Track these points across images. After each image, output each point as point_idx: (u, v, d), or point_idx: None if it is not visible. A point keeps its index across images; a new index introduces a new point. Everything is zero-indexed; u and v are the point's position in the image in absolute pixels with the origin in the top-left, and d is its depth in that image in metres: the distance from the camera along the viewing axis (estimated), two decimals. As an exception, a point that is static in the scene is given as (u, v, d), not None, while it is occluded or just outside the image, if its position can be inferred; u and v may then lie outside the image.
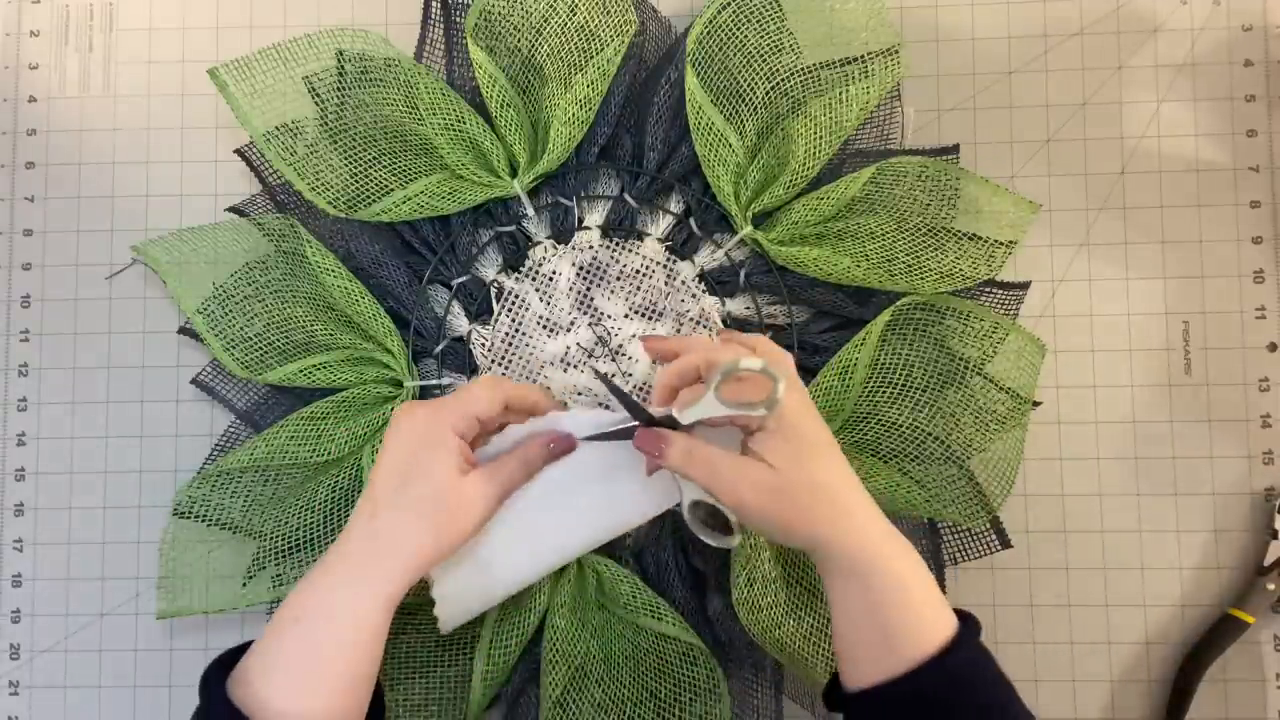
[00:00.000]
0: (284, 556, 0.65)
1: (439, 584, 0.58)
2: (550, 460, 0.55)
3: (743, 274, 0.68)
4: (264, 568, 0.65)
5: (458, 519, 0.51)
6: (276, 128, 0.68)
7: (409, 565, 0.50)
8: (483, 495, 0.51)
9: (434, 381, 0.67)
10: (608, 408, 0.64)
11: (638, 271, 0.69)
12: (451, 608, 0.59)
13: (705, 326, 0.68)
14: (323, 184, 0.68)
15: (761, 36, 0.68)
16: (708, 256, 0.69)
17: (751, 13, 0.67)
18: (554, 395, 0.63)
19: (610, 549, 0.65)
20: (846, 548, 0.49)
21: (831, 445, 0.51)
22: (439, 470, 0.50)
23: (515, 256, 0.69)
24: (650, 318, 0.68)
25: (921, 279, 0.66)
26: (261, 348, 0.67)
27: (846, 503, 0.50)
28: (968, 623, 0.50)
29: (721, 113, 0.67)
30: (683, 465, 0.50)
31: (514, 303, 0.69)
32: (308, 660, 0.48)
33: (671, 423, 0.53)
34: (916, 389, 0.65)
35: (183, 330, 0.70)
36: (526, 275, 0.69)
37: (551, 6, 0.68)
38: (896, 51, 0.68)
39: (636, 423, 0.54)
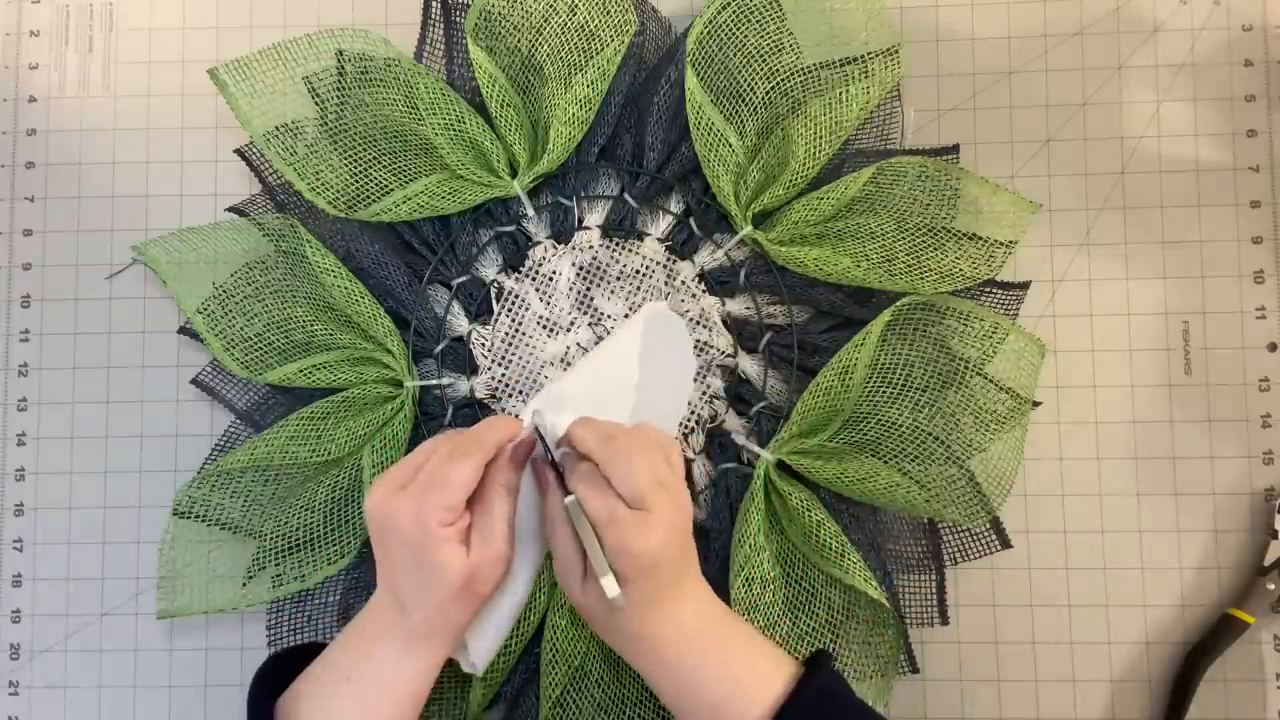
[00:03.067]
0: (284, 556, 0.65)
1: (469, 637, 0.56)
2: (522, 468, 0.54)
3: (743, 274, 0.68)
4: (264, 568, 0.65)
5: (485, 585, 0.51)
6: (276, 128, 0.68)
7: (452, 634, 0.52)
8: (494, 556, 0.51)
9: (434, 382, 0.67)
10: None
11: (638, 271, 0.69)
12: (478, 658, 0.56)
13: (705, 326, 0.68)
14: (323, 184, 0.68)
15: (761, 36, 0.68)
16: (708, 256, 0.69)
17: (751, 13, 0.67)
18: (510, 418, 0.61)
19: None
20: (650, 676, 0.53)
21: (670, 590, 0.51)
22: (451, 573, 0.49)
23: (515, 256, 0.69)
24: (650, 318, 0.68)
25: (921, 279, 0.66)
26: (261, 348, 0.67)
27: (652, 649, 0.52)
28: (807, 674, 0.52)
29: (721, 113, 0.67)
30: (546, 518, 0.53)
31: (514, 303, 0.69)
32: (359, 711, 0.51)
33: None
34: (916, 389, 0.65)
35: (183, 330, 0.70)
36: (526, 275, 0.69)
37: (551, 6, 0.68)
38: (896, 51, 0.68)
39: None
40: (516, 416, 0.62)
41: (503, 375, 0.68)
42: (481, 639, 0.55)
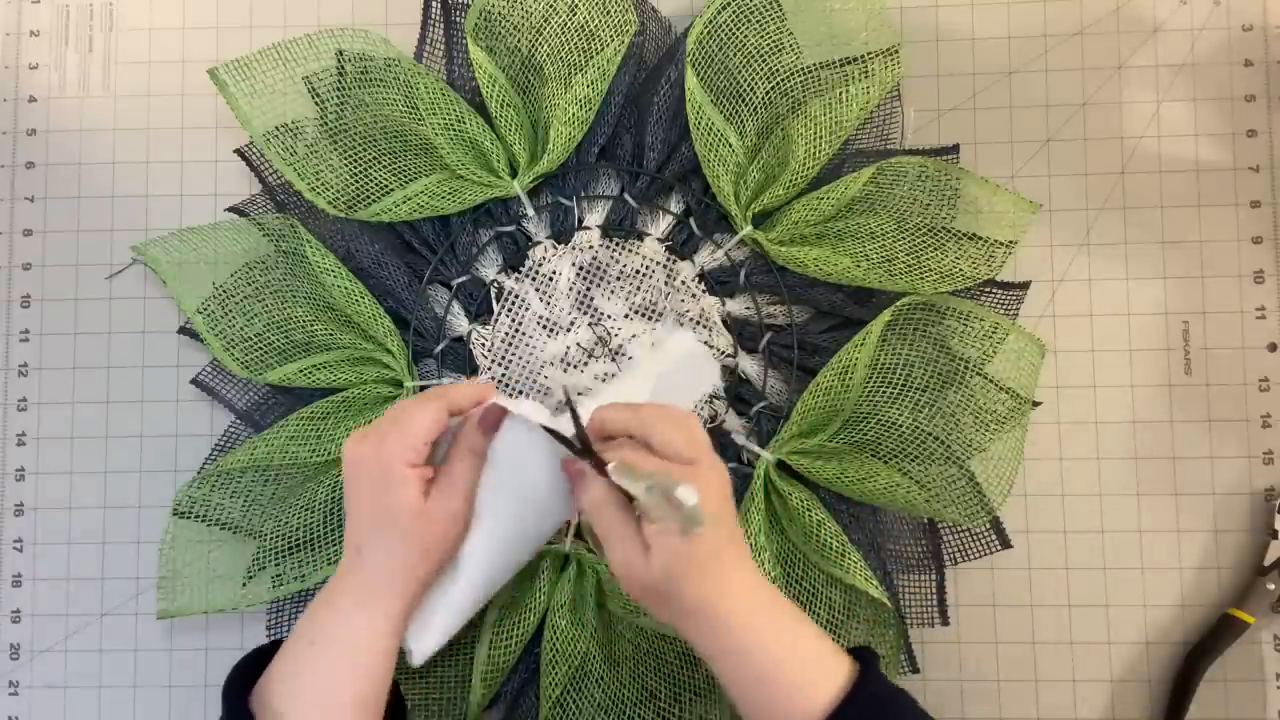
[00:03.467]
0: (284, 556, 0.65)
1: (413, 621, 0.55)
2: (489, 433, 0.54)
3: (743, 274, 0.68)
4: (264, 568, 0.65)
5: (437, 538, 0.52)
6: (276, 128, 0.68)
7: (406, 590, 0.52)
8: (449, 510, 0.52)
9: (434, 382, 0.67)
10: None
11: (638, 271, 0.69)
12: (422, 643, 0.55)
13: (705, 326, 0.68)
14: (323, 184, 0.68)
15: (761, 36, 0.68)
16: (708, 256, 0.69)
17: (751, 13, 0.67)
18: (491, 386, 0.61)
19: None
20: (713, 650, 0.51)
21: (730, 547, 0.51)
22: (403, 507, 0.51)
23: (515, 256, 0.69)
24: (650, 318, 0.68)
25: (921, 279, 0.66)
26: (261, 348, 0.67)
27: (717, 616, 0.50)
28: (865, 670, 0.50)
29: (721, 113, 0.67)
30: (588, 513, 0.52)
31: (514, 303, 0.69)
32: (323, 684, 0.50)
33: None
34: (916, 389, 0.65)
35: (183, 330, 0.70)
36: (526, 275, 0.69)
37: (551, 6, 0.68)
38: (896, 51, 0.68)
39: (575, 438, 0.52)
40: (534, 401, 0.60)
41: (503, 375, 0.68)
42: (425, 627, 0.54)
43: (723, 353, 0.68)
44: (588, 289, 0.69)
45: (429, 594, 0.55)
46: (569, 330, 0.68)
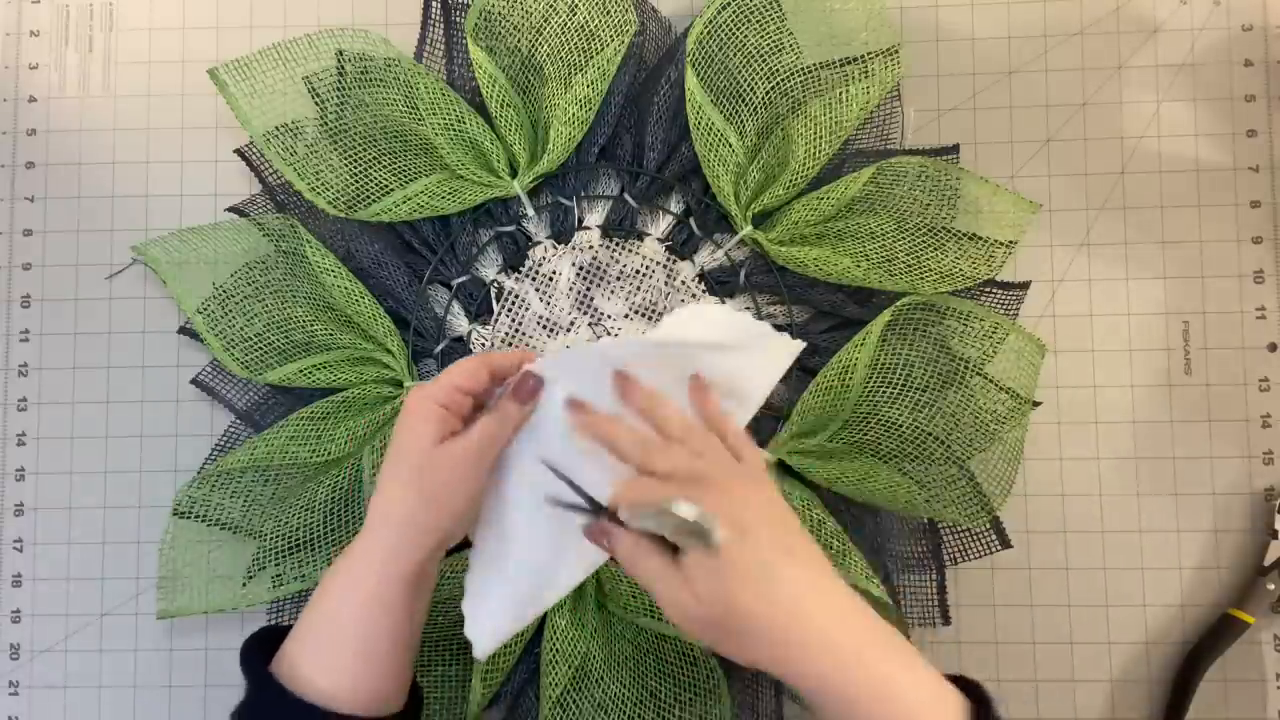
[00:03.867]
0: (284, 556, 0.65)
1: (466, 598, 0.55)
2: (525, 403, 0.53)
3: (743, 274, 0.68)
4: (264, 568, 0.65)
5: (440, 485, 0.51)
6: (276, 128, 0.68)
7: (409, 537, 0.51)
8: (455, 458, 0.51)
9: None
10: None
11: (638, 271, 0.69)
12: (478, 628, 0.54)
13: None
14: (323, 184, 0.68)
15: (761, 36, 0.68)
16: (708, 256, 0.69)
17: (751, 13, 0.67)
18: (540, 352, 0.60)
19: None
20: (802, 680, 0.45)
21: (783, 557, 0.46)
22: (417, 442, 0.51)
23: (515, 256, 0.69)
24: (650, 318, 0.68)
25: (921, 279, 0.66)
26: (261, 348, 0.67)
27: (789, 633, 0.44)
28: (980, 703, 0.45)
29: (721, 113, 0.67)
30: (627, 566, 0.49)
31: (514, 303, 0.69)
32: (332, 637, 0.50)
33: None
34: (916, 389, 0.65)
35: (183, 330, 0.70)
36: (526, 275, 0.69)
37: (551, 6, 0.68)
38: (896, 51, 0.68)
39: (587, 505, 0.51)
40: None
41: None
42: (479, 615, 0.54)
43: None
44: (588, 289, 0.69)
45: (481, 579, 0.54)
46: (569, 330, 0.68)
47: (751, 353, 0.58)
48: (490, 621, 0.54)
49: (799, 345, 0.59)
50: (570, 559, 0.55)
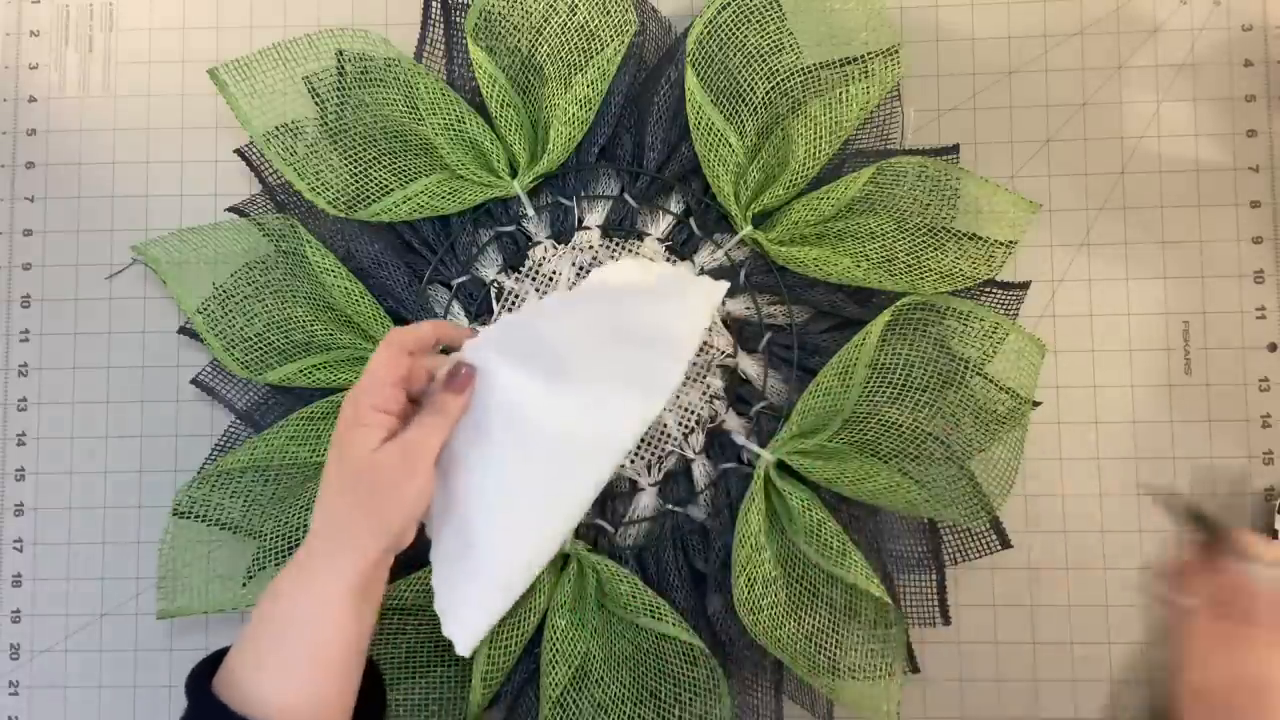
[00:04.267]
0: (284, 556, 0.65)
1: (437, 598, 0.55)
2: (460, 393, 0.52)
3: (743, 274, 0.68)
4: (264, 568, 0.65)
5: (382, 491, 0.50)
6: (276, 128, 0.68)
7: (355, 546, 0.49)
8: (395, 460, 0.50)
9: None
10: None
11: (638, 271, 0.69)
12: (456, 626, 0.55)
13: (705, 326, 0.67)
14: (323, 184, 0.68)
15: (761, 36, 0.68)
16: (708, 256, 0.69)
17: (751, 13, 0.67)
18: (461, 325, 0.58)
19: (610, 549, 0.65)
20: None
21: None
22: (353, 449, 0.49)
23: (515, 256, 0.69)
24: (650, 318, 0.68)
25: (921, 279, 0.66)
26: (261, 348, 0.67)
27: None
28: None
29: (721, 113, 0.67)
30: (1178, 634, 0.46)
31: (514, 303, 0.69)
32: (280, 655, 0.48)
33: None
34: (916, 389, 0.65)
35: (183, 330, 0.70)
36: (526, 275, 0.69)
37: (551, 6, 0.68)
38: (896, 51, 0.68)
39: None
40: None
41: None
42: (456, 612, 0.54)
43: (723, 352, 0.68)
44: (588, 289, 0.69)
45: (448, 577, 0.54)
46: (569, 330, 0.68)
47: (677, 300, 0.58)
48: (467, 616, 0.54)
49: (723, 286, 0.60)
50: (534, 541, 0.55)
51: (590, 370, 0.55)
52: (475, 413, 0.53)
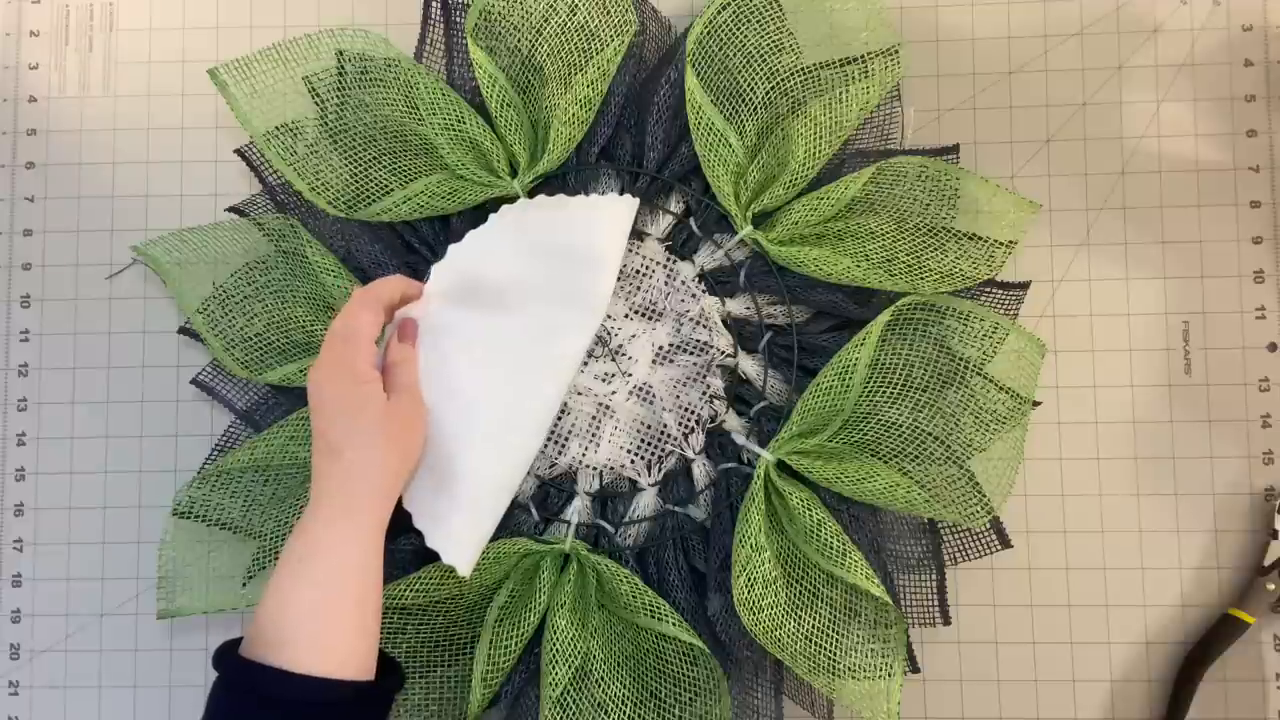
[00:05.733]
0: (284, 556, 0.65)
1: (426, 535, 0.60)
2: (404, 335, 0.60)
3: (743, 274, 0.68)
4: (264, 568, 0.65)
5: (407, 432, 0.56)
6: (276, 128, 0.68)
7: (387, 488, 0.54)
8: (405, 404, 0.56)
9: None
10: None
11: (638, 271, 0.69)
12: (453, 549, 0.59)
13: (705, 326, 0.68)
14: (323, 184, 0.68)
15: (761, 36, 0.68)
16: (708, 256, 0.69)
17: (751, 13, 0.67)
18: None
19: (610, 549, 0.65)
20: None
21: None
22: (376, 407, 0.54)
23: (515, 256, 0.69)
24: (650, 318, 0.68)
25: (921, 279, 0.66)
26: (261, 348, 0.67)
27: None
28: None
29: (721, 113, 0.67)
30: None
31: (514, 303, 0.69)
32: (317, 601, 0.50)
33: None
34: (916, 389, 0.65)
35: (183, 330, 0.70)
36: (526, 275, 0.69)
37: (551, 6, 0.68)
38: (896, 51, 0.68)
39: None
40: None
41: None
42: (451, 533, 0.59)
43: (723, 352, 0.68)
44: (588, 289, 0.69)
45: (432, 509, 0.59)
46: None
47: (593, 221, 0.65)
48: (463, 539, 0.60)
49: (633, 202, 0.66)
50: (507, 458, 0.61)
51: (529, 297, 0.63)
52: (432, 356, 0.60)
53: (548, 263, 0.64)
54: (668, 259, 0.69)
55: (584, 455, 0.67)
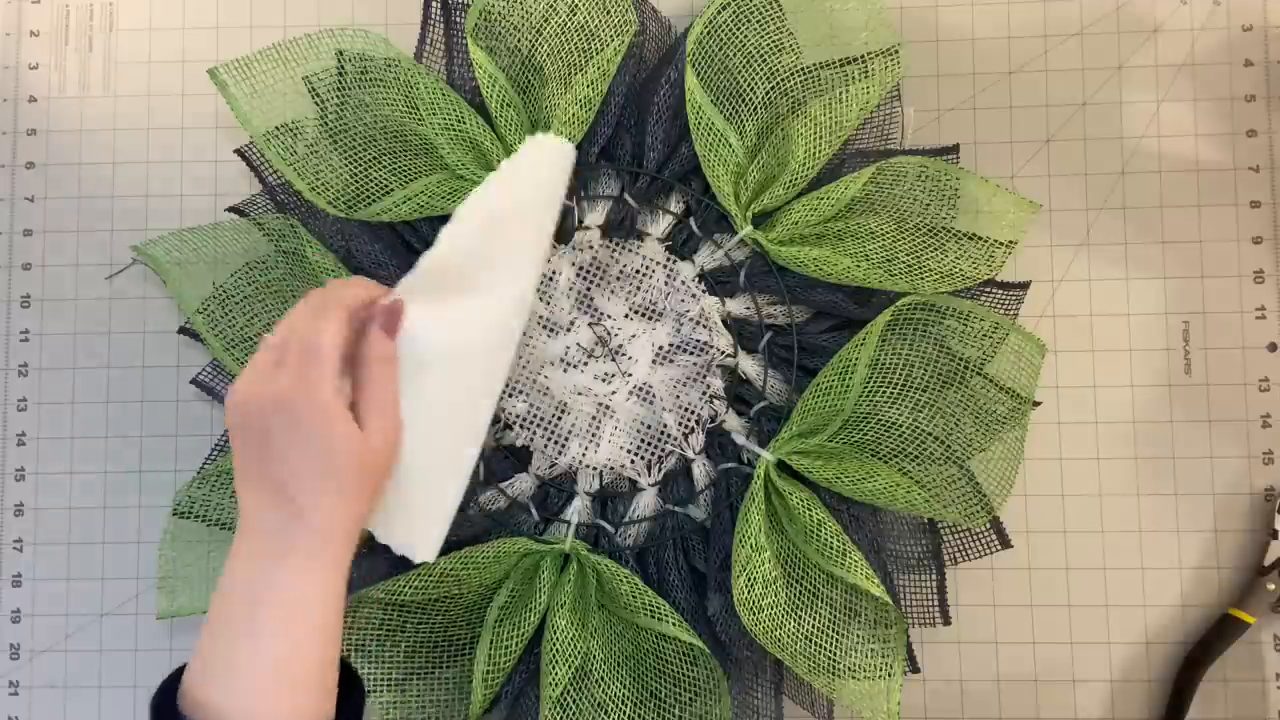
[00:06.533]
0: (284, 556, 0.65)
1: (378, 533, 0.54)
2: (393, 336, 0.51)
3: (743, 274, 0.68)
4: (264, 568, 0.65)
5: (381, 469, 0.49)
6: (276, 128, 0.68)
7: (354, 533, 0.48)
8: (386, 434, 0.48)
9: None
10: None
11: (638, 271, 0.69)
12: (401, 535, 0.55)
13: (705, 326, 0.68)
14: (323, 184, 0.68)
15: (761, 36, 0.68)
16: (708, 256, 0.69)
17: (751, 13, 0.67)
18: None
19: (610, 549, 0.65)
20: None
21: None
22: (348, 446, 0.46)
23: (515, 256, 0.69)
24: (650, 318, 0.68)
25: (921, 279, 0.66)
26: (261, 348, 0.67)
27: None
28: None
29: (721, 113, 0.67)
30: None
31: (514, 303, 0.69)
32: (279, 659, 0.45)
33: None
34: (916, 389, 0.65)
35: (183, 330, 0.70)
36: (526, 275, 0.69)
37: (551, 6, 0.68)
38: (896, 51, 0.68)
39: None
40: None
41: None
42: (408, 530, 0.54)
43: (723, 352, 0.68)
44: (588, 289, 0.69)
45: (385, 511, 0.53)
46: (569, 330, 0.68)
47: (535, 170, 0.63)
48: (416, 531, 0.55)
49: (569, 147, 0.64)
50: (460, 431, 0.56)
51: (466, 277, 0.57)
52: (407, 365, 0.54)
53: (486, 234, 0.59)
54: (668, 259, 0.69)
55: (584, 455, 0.67)
